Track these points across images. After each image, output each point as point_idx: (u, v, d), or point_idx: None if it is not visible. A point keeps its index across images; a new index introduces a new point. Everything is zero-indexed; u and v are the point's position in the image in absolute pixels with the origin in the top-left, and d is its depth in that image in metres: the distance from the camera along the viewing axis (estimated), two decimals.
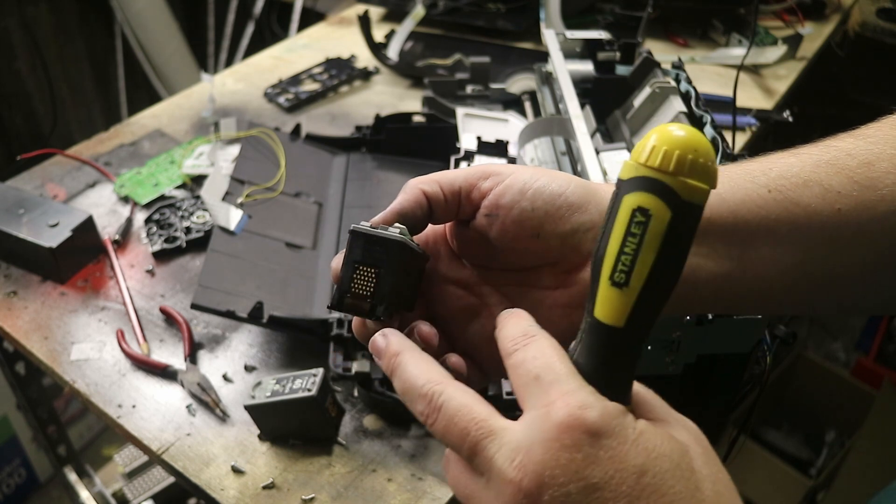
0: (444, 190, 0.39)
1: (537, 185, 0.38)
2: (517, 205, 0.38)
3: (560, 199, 0.38)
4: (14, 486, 1.60)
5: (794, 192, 0.37)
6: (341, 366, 0.68)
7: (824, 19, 1.41)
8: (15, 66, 1.87)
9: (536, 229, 0.38)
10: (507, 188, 0.38)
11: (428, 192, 0.39)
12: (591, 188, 0.39)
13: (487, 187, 0.39)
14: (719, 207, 0.38)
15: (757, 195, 0.38)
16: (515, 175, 0.38)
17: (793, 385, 1.66)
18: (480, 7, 1.33)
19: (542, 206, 0.38)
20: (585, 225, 0.38)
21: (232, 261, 0.77)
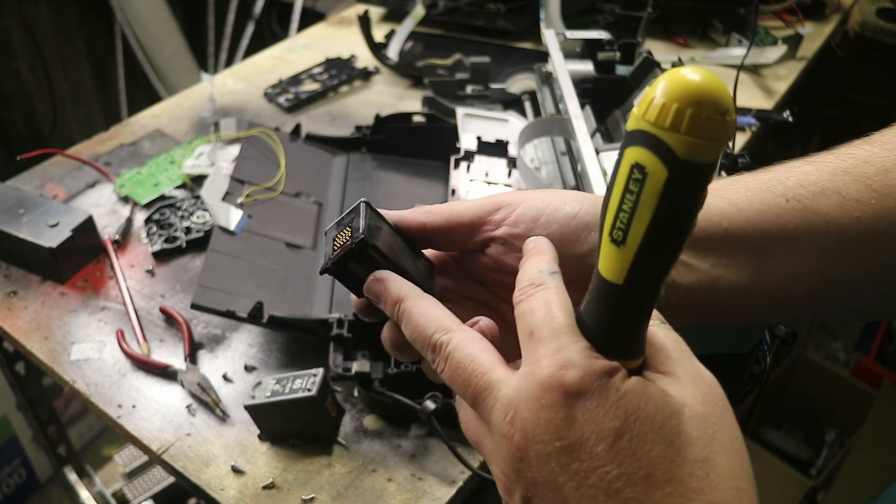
0: (450, 223, 0.39)
1: (549, 209, 0.38)
2: (532, 233, 0.38)
3: (574, 221, 0.38)
4: (14, 486, 1.60)
5: (812, 201, 0.37)
6: (341, 366, 0.68)
7: (824, 19, 1.41)
8: (15, 66, 1.87)
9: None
10: (520, 217, 0.38)
11: (428, 224, 0.39)
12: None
13: (500, 218, 0.39)
14: (737, 217, 0.38)
15: (775, 204, 0.38)
16: (527, 203, 0.39)
17: (793, 385, 1.66)
18: (480, 7, 1.33)
19: (557, 230, 0.38)
20: None
21: (232, 261, 0.77)
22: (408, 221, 0.39)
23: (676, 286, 0.39)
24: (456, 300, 0.42)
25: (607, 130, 0.82)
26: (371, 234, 0.37)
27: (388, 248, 0.38)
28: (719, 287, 0.39)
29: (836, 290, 0.39)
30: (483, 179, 0.82)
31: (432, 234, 0.39)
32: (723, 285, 0.38)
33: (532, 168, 0.82)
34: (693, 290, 0.39)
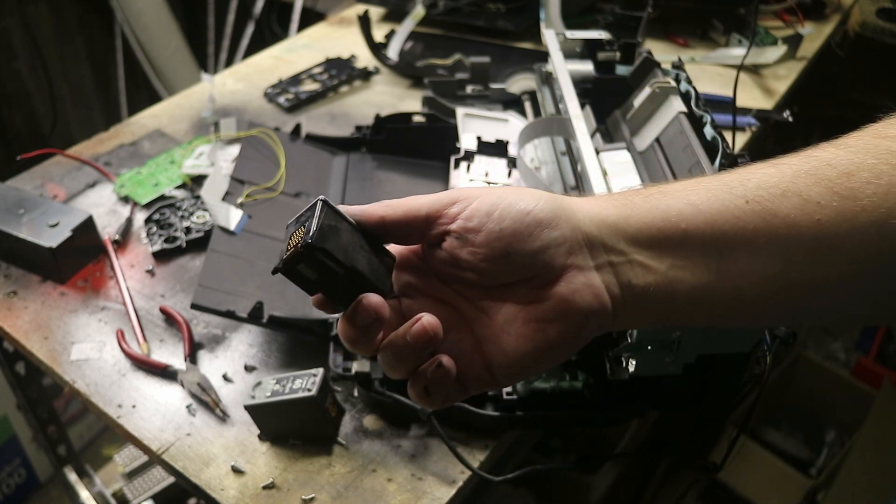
0: (407, 216, 0.40)
1: (504, 204, 0.39)
2: (485, 227, 0.38)
3: (528, 217, 0.38)
4: (14, 486, 1.60)
5: (773, 203, 0.37)
6: (341, 366, 0.68)
7: (824, 19, 1.41)
8: (15, 66, 1.87)
9: (506, 249, 0.38)
10: (475, 211, 0.39)
11: (386, 217, 0.40)
12: (562, 203, 0.39)
13: (455, 212, 0.39)
14: (695, 218, 0.38)
15: (734, 206, 0.37)
16: (482, 198, 0.39)
17: (793, 385, 1.66)
18: (480, 7, 1.33)
19: (511, 225, 0.38)
20: (556, 241, 0.38)
21: (232, 261, 0.77)
22: (367, 216, 0.40)
23: (632, 286, 0.39)
24: (416, 296, 0.42)
25: (607, 130, 0.82)
26: (322, 236, 0.37)
27: (341, 249, 0.38)
28: (677, 289, 0.38)
29: (797, 295, 0.38)
30: (483, 179, 0.82)
31: (391, 228, 0.40)
32: (681, 287, 0.38)
33: (532, 168, 0.82)
34: (649, 291, 0.39)
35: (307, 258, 0.37)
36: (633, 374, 0.57)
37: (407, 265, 0.43)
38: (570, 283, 0.38)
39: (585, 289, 0.38)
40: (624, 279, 0.39)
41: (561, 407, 0.64)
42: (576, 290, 0.38)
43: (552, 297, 0.39)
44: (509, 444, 0.69)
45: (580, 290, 0.38)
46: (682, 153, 0.66)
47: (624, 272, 0.39)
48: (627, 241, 0.38)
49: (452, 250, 0.40)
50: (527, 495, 1.31)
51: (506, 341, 0.40)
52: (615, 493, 1.31)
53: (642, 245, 0.38)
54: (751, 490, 1.45)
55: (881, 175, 0.36)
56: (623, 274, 0.39)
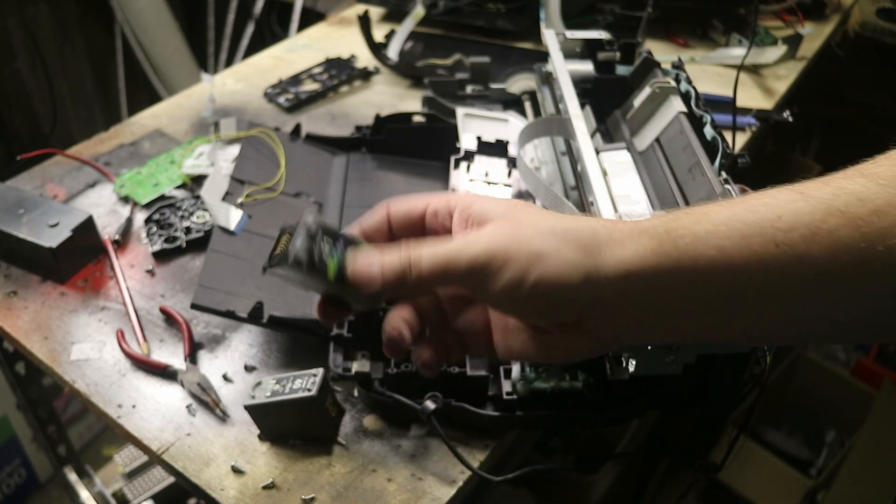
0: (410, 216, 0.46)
1: (531, 279, 0.40)
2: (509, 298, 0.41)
3: (552, 293, 0.41)
4: (14, 486, 1.60)
5: (803, 247, 0.37)
6: (341, 366, 0.68)
7: (824, 19, 1.41)
8: (15, 66, 1.87)
9: (525, 315, 0.44)
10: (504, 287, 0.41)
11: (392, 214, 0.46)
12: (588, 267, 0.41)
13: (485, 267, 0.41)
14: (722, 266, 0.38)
15: (764, 251, 0.37)
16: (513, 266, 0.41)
17: (793, 385, 1.66)
18: (480, 7, 1.33)
19: (535, 302, 0.41)
20: (576, 308, 0.41)
21: (232, 261, 0.77)
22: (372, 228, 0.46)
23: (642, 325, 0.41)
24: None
25: (607, 130, 0.82)
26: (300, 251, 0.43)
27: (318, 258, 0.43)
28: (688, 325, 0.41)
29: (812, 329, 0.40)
30: (483, 179, 0.82)
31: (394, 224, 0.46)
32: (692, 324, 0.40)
33: (532, 168, 0.82)
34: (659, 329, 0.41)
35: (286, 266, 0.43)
36: (633, 374, 0.57)
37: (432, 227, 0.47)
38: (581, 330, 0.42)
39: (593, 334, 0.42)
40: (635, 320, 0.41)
41: (561, 407, 0.64)
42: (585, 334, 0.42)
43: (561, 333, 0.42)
44: (509, 444, 0.69)
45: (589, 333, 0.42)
46: (682, 153, 0.66)
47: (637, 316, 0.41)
48: (651, 292, 0.40)
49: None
50: (527, 495, 1.30)
51: (512, 341, 0.44)
52: (615, 493, 1.31)
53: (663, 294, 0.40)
54: (751, 490, 1.45)
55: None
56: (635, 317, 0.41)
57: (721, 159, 0.60)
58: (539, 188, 0.70)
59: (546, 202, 0.69)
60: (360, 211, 0.88)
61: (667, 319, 0.40)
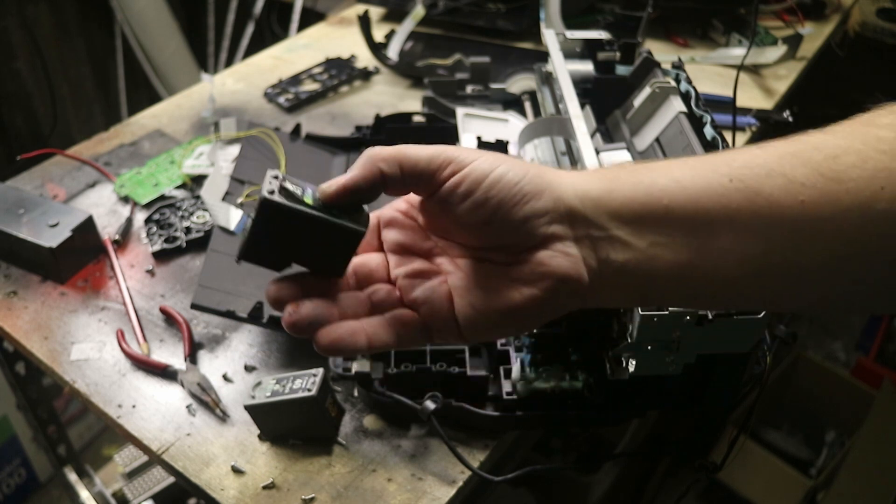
0: (403, 170, 0.40)
1: (493, 175, 0.39)
2: (472, 195, 0.39)
3: (515, 188, 0.39)
4: (14, 486, 1.60)
5: (757, 182, 0.37)
6: (341, 366, 0.68)
7: (824, 19, 1.41)
8: (15, 66, 1.87)
9: (490, 216, 0.39)
10: (465, 178, 0.40)
11: (386, 172, 0.40)
12: (547, 178, 0.40)
13: (446, 175, 0.40)
14: (679, 195, 0.38)
15: (718, 184, 0.37)
16: (475, 164, 0.40)
17: (793, 385, 1.66)
18: (480, 7, 1.33)
19: (496, 194, 0.39)
20: (539, 212, 0.39)
21: (232, 261, 0.77)
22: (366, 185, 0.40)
23: (610, 261, 0.39)
24: (400, 251, 0.44)
25: (607, 130, 0.82)
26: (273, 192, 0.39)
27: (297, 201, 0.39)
28: (656, 265, 0.38)
29: (777, 276, 0.38)
30: None
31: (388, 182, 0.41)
32: (660, 264, 0.38)
33: None
34: (628, 267, 0.39)
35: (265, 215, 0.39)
36: (633, 374, 0.57)
37: (396, 224, 0.45)
38: (548, 250, 0.39)
39: (562, 256, 0.39)
40: (602, 254, 0.39)
41: (561, 407, 0.64)
42: (552, 256, 0.39)
43: (529, 260, 0.40)
44: (509, 444, 0.69)
45: (557, 257, 0.39)
46: (682, 153, 0.66)
47: (603, 246, 0.39)
48: (609, 215, 0.39)
49: (438, 209, 0.41)
50: (527, 495, 1.30)
51: (476, 295, 0.41)
52: (615, 493, 1.31)
53: (624, 220, 0.39)
54: (751, 490, 1.45)
55: (867, 160, 0.35)
56: (602, 248, 0.39)
57: None
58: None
59: None
60: None
61: (629, 253, 0.39)
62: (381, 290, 0.43)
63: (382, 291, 0.43)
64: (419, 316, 0.42)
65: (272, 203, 0.38)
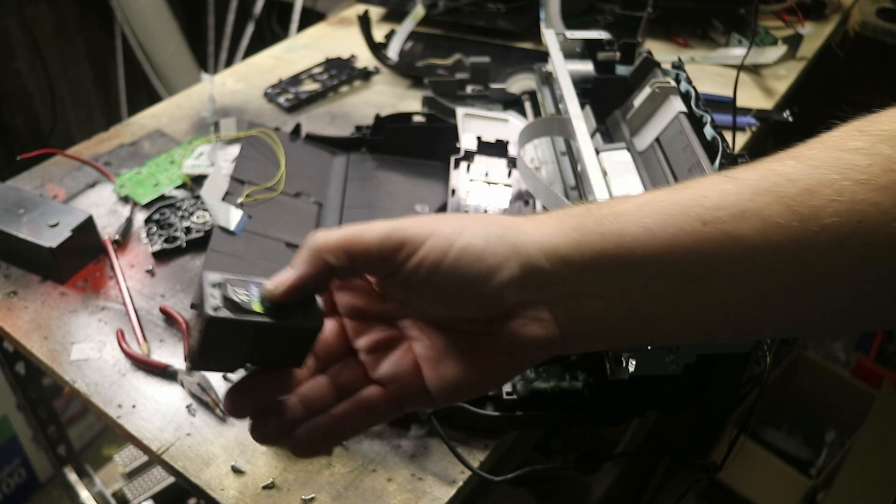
0: (353, 259, 0.37)
1: (453, 252, 0.36)
2: (432, 279, 0.37)
3: (477, 265, 0.36)
4: (14, 486, 1.60)
5: (731, 226, 0.35)
6: None
7: (824, 19, 1.41)
8: (15, 66, 1.87)
9: (452, 298, 0.37)
10: (423, 260, 0.36)
11: (334, 264, 0.37)
12: (510, 239, 0.37)
13: (402, 258, 0.37)
14: (651, 244, 0.36)
15: (691, 229, 0.35)
16: (431, 243, 0.37)
17: (793, 385, 1.66)
18: (480, 7, 1.33)
19: (460, 275, 0.36)
20: (506, 283, 0.36)
21: (232, 261, 0.77)
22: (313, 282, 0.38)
23: (584, 318, 0.37)
24: (358, 317, 0.42)
25: (607, 130, 0.82)
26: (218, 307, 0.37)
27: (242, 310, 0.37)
28: (629, 316, 0.37)
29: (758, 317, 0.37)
30: (483, 179, 0.82)
31: (338, 274, 0.38)
32: (635, 312, 0.37)
33: (532, 168, 0.82)
34: (603, 319, 0.37)
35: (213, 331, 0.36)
36: (633, 374, 0.57)
37: (349, 287, 0.42)
38: (519, 318, 0.37)
39: (534, 323, 0.37)
40: (575, 311, 0.37)
41: (561, 407, 0.64)
42: (524, 324, 0.37)
43: (500, 331, 0.38)
44: (509, 444, 0.69)
45: (529, 325, 0.37)
46: (682, 153, 0.66)
47: (575, 304, 0.37)
48: (579, 272, 0.37)
49: (396, 289, 0.39)
50: (527, 495, 1.31)
51: (446, 367, 0.39)
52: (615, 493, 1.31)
53: (595, 275, 0.37)
54: (751, 490, 1.45)
55: (843, 192, 0.34)
56: (574, 306, 0.37)
57: (721, 159, 0.60)
58: (539, 188, 0.70)
59: (546, 202, 0.69)
60: (360, 211, 0.89)
61: (603, 307, 0.37)
62: (345, 371, 0.40)
63: (347, 374, 0.40)
64: (388, 393, 0.40)
65: (218, 320, 0.36)
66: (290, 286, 0.38)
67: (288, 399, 0.39)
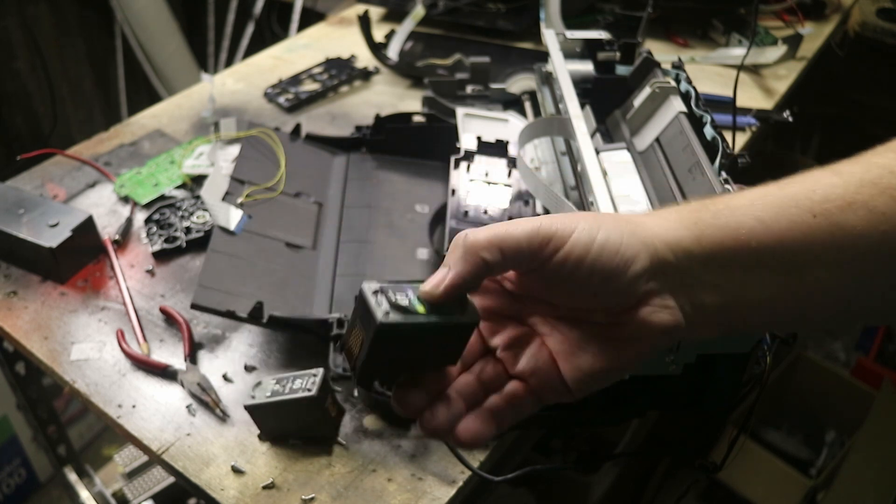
0: (505, 255, 0.39)
1: (595, 246, 0.39)
2: (576, 272, 0.39)
3: (617, 258, 0.39)
4: (14, 486, 1.60)
5: (840, 216, 0.38)
6: (341, 366, 0.68)
7: (824, 19, 1.41)
8: (15, 66, 1.87)
9: (593, 290, 0.39)
10: (568, 255, 0.39)
11: (489, 260, 0.39)
12: (640, 234, 0.40)
13: (549, 252, 0.39)
14: (765, 236, 0.38)
15: (802, 221, 0.38)
16: (575, 238, 0.39)
17: (793, 385, 1.66)
18: (480, 7, 1.33)
19: (601, 268, 0.39)
20: (639, 274, 0.39)
21: (232, 261, 0.77)
22: (472, 279, 0.39)
23: (704, 305, 0.40)
24: (493, 318, 0.43)
25: (607, 130, 0.82)
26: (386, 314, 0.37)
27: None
28: (746, 303, 0.40)
29: (861, 304, 0.40)
30: (483, 179, 0.82)
31: (492, 269, 0.40)
32: (750, 302, 0.40)
33: (532, 168, 0.82)
34: (721, 307, 0.40)
35: (384, 338, 0.37)
36: (633, 374, 0.57)
37: (481, 290, 0.43)
38: (649, 306, 0.40)
39: (662, 311, 0.39)
40: (697, 299, 0.40)
41: (561, 407, 0.64)
42: (653, 311, 0.40)
43: (631, 320, 0.40)
44: (509, 444, 0.69)
45: (658, 312, 0.39)
46: (682, 153, 0.66)
47: (696, 292, 0.40)
48: (701, 263, 0.39)
49: (536, 282, 0.41)
50: (527, 495, 1.30)
51: (582, 358, 0.41)
52: (615, 493, 1.31)
53: (715, 266, 0.39)
54: (751, 490, 1.45)
55: None
56: (696, 294, 0.40)
57: (721, 159, 0.60)
58: (539, 188, 0.70)
59: (546, 202, 0.69)
60: (360, 211, 0.89)
61: (721, 296, 0.40)
62: (487, 368, 0.42)
63: (489, 370, 0.42)
64: (529, 386, 0.42)
65: (389, 325, 0.37)
66: (450, 285, 0.39)
67: (450, 392, 0.41)
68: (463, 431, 0.40)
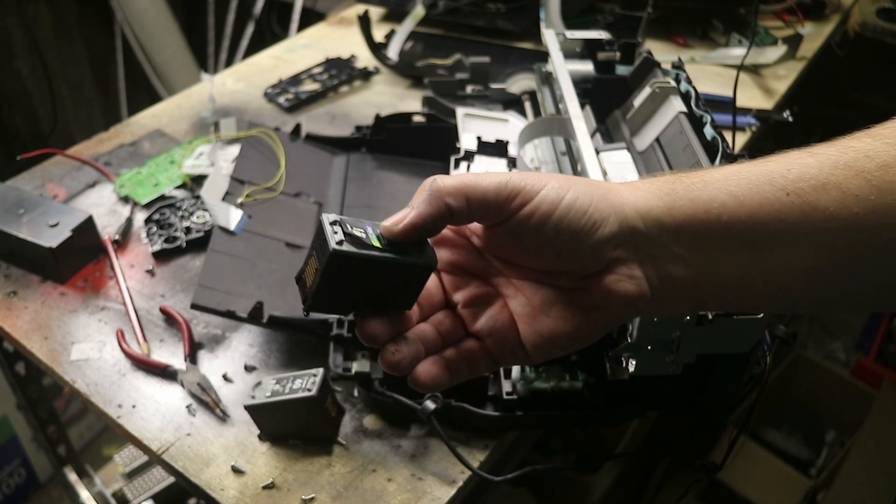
0: (470, 203, 0.39)
1: (563, 204, 0.38)
2: (543, 227, 0.39)
3: (584, 218, 0.38)
4: (14, 486, 1.60)
5: (813, 196, 0.37)
6: (341, 366, 0.68)
7: (824, 19, 1.41)
8: (15, 66, 1.87)
9: (558, 249, 0.39)
10: (535, 209, 0.39)
11: (453, 206, 0.39)
12: (611, 199, 0.39)
13: (516, 207, 0.39)
14: (737, 211, 0.38)
15: (775, 198, 0.38)
16: (544, 193, 0.39)
17: (793, 385, 1.66)
18: (480, 7, 1.33)
19: (567, 226, 0.38)
20: (606, 238, 0.39)
21: (232, 261, 0.77)
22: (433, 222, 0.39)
23: (672, 278, 0.39)
24: (457, 273, 0.43)
25: (607, 130, 0.82)
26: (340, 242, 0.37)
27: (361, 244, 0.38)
28: (715, 280, 0.39)
29: (831, 286, 0.39)
30: None
31: (455, 217, 0.39)
32: (719, 278, 0.39)
33: (532, 168, 0.82)
34: (688, 281, 0.39)
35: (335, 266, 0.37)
36: (633, 374, 0.57)
37: (448, 243, 0.43)
38: (614, 274, 0.39)
39: (627, 280, 0.39)
40: (664, 271, 0.39)
41: (561, 407, 0.64)
42: (619, 279, 0.39)
43: (595, 286, 0.40)
44: (509, 444, 0.69)
45: (623, 281, 0.39)
46: (682, 153, 0.66)
47: (664, 264, 0.39)
48: (670, 234, 0.39)
49: (504, 239, 0.40)
50: (527, 495, 1.31)
51: (542, 322, 0.41)
52: (615, 493, 1.31)
53: (684, 238, 0.39)
54: (751, 490, 1.45)
55: None
56: (663, 265, 0.39)
57: (721, 159, 0.60)
58: None
59: None
60: (360, 211, 0.89)
61: (690, 269, 0.39)
62: (446, 322, 0.42)
63: (448, 324, 0.42)
64: (485, 346, 0.42)
65: (342, 253, 0.37)
66: (409, 223, 0.39)
67: (409, 335, 0.41)
68: (423, 372, 0.40)
